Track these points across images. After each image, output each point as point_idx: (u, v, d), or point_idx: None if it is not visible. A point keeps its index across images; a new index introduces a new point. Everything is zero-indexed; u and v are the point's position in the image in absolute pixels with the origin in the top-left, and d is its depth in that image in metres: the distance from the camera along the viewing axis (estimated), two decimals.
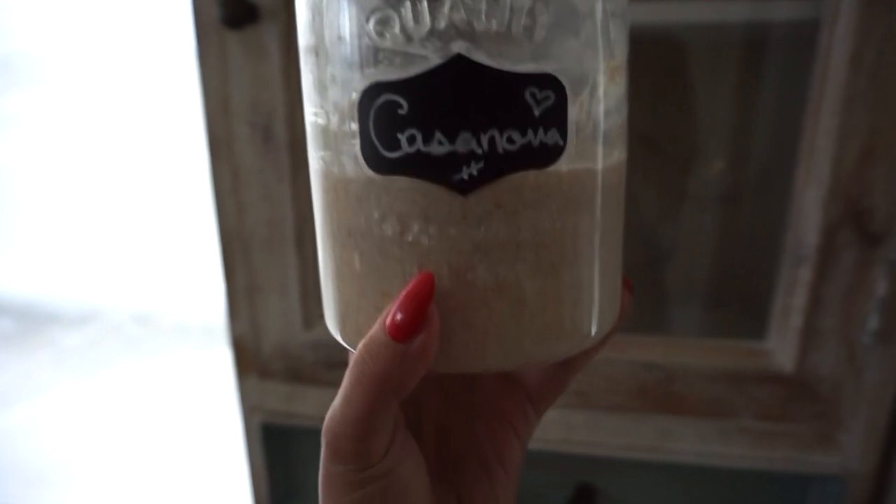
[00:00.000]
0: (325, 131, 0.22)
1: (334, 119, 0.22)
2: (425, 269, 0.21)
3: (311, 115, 0.23)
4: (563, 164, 0.21)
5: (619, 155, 0.23)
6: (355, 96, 0.21)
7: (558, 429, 0.53)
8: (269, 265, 0.53)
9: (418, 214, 0.21)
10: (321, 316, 0.26)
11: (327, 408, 0.22)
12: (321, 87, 0.22)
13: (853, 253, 0.46)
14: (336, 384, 0.22)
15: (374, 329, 0.21)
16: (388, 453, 0.22)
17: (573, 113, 0.21)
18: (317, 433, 0.23)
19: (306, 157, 0.25)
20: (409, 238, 0.21)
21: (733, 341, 0.53)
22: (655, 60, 0.56)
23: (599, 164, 0.22)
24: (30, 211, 1.84)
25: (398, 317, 0.20)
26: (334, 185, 0.23)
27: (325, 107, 0.22)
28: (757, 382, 0.50)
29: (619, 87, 0.22)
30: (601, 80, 0.21)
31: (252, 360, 0.56)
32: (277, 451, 0.59)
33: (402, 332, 0.20)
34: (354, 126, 0.21)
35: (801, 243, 0.47)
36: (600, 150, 0.22)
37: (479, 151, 0.20)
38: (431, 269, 0.21)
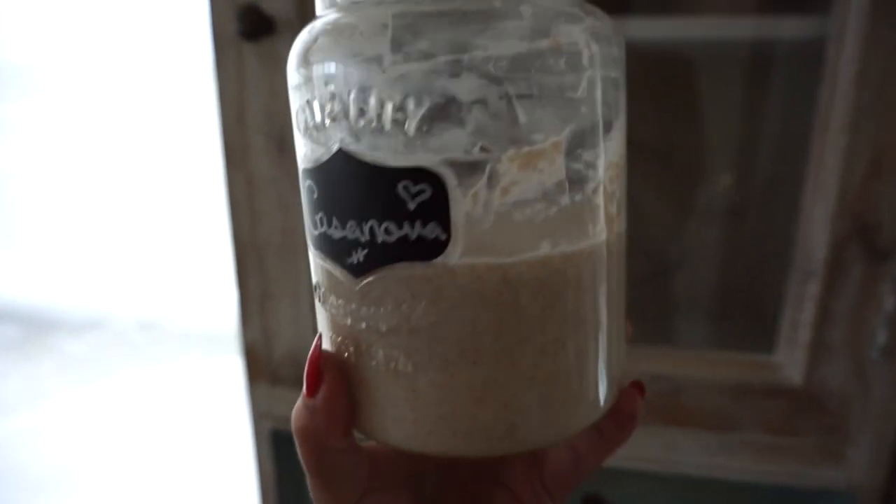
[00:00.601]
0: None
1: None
2: (340, 339, 0.22)
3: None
4: (451, 258, 0.20)
5: (554, 247, 0.21)
6: (300, 175, 0.23)
7: None
8: (281, 273, 0.54)
9: (331, 289, 0.22)
10: None
11: None
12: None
13: (861, 268, 0.46)
14: None
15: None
16: (363, 500, 0.24)
17: (464, 205, 0.20)
18: None
19: None
20: (327, 308, 0.23)
21: (741, 354, 0.53)
22: (664, 76, 0.57)
23: (511, 259, 0.20)
24: (35, 218, 1.85)
25: (305, 373, 0.22)
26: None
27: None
28: (764, 396, 0.50)
29: (545, 175, 0.20)
30: (506, 168, 0.20)
31: (263, 367, 0.57)
32: (287, 458, 0.59)
33: (308, 388, 0.22)
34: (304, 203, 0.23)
35: (809, 258, 0.47)
36: (514, 243, 0.20)
37: (363, 239, 0.21)
38: (343, 340, 0.22)
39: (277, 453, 0.59)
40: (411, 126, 0.19)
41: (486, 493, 0.28)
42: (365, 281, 0.21)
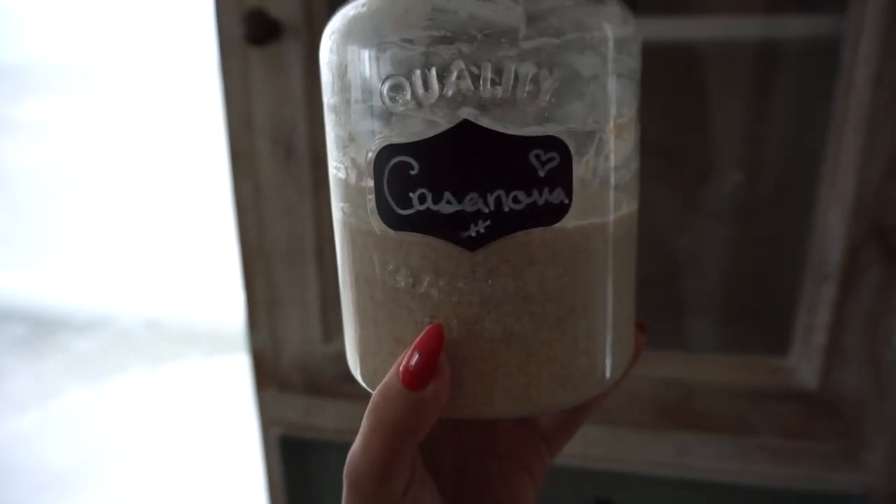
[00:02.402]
0: (345, 185, 0.24)
1: (352, 174, 0.23)
2: (436, 320, 0.22)
3: (333, 167, 0.24)
4: (568, 221, 0.22)
5: (629, 207, 0.24)
6: (371, 156, 0.22)
7: (577, 444, 0.53)
8: (289, 279, 0.53)
9: (429, 268, 0.22)
10: (340, 330, 0.26)
11: (345, 420, 0.23)
12: (341, 144, 0.23)
13: (878, 270, 0.45)
14: (355, 397, 0.23)
15: (389, 377, 0.22)
16: (406, 493, 0.23)
17: (578, 171, 0.21)
18: (336, 446, 0.23)
19: (327, 173, 0.26)
20: (421, 290, 0.22)
21: (755, 358, 0.52)
22: (674, 75, 0.56)
23: (608, 218, 0.23)
24: (43, 218, 1.86)
25: (411, 366, 0.21)
26: (353, 236, 0.24)
27: (344, 162, 0.23)
28: (779, 399, 0.50)
29: (627, 143, 0.23)
30: (608, 137, 0.22)
31: (271, 373, 0.57)
32: (296, 464, 0.59)
33: (415, 381, 0.21)
34: (370, 183, 0.22)
35: (825, 260, 0.47)
36: (609, 204, 0.23)
37: (486, 210, 0.21)
38: (441, 319, 0.22)
39: (287, 459, 0.59)
40: (544, 98, 0.21)
41: (477, 468, 0.28)
42: (482, 253, 0.21)
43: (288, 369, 0.56)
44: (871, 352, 0.47)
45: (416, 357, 0.21)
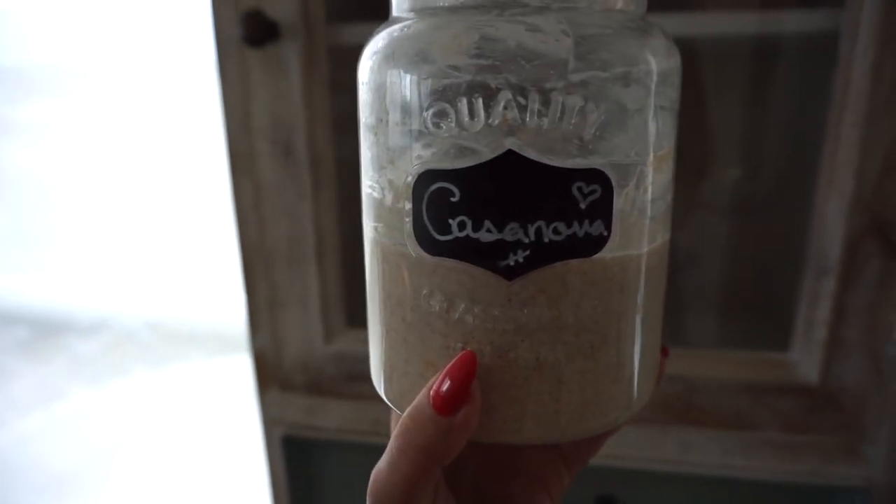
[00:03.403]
0: (379, 205, 0.23)
1: (389, 195, 0.23)
2: (469, 346, 0.22)
3: (368, 187, 0.24)
4: (606, 253, 0.22)
5: (663, 237, 0.24)
6: (410, 179, 0.22)
7: None
8: (289, 280, 0.53)
9: (465, 295, 0.22)
10: (342, 330, 0.26)
11: (348, 420, 0.23)
12: (378, 165, 0.23)
13: (877, 264, 0.45)
14: (356, 397, 0.22)
15: (419, 400, 0.22)
16: None
17: (619, 204, 0.21)
18: (338, 445, 0.23)
19: (327, 174, 0.26)
20: (455, 315, 0.22)
21: (756, 353, 0.52)
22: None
23: (643, 249, 0.23)
24: (44, 221, 1.86)
25: (443, 391, 0.21)
26: (385, 256, 0.24)
27: (380, 182, 0.23)
28: (780, 394, 0.50)
29: (665, 174, 0.23)
30: (648, 170, 0.22)
31: (273, 374, 0.57)
32: (299, 463, 0.59)
33: (446, 407, 0.21)
34: (408, 206, 0.22)
35: (825, 255, 0.47)
36: (644, 236, 0.23)
37: (526, 241, 0.21)
38: (474, 346, 0.22)
39: (289, 459, 0.59)
40: (590, 130, 0.20)
41: (499, 487, 0.28)
42: (518, 282, 0.21)
43: (289, 369, 0.56)
44: (872, 345, 0.47)
45: (447, 383, 0.21)
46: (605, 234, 0.21)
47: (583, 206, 0.21)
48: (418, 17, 0.22)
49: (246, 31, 0.46)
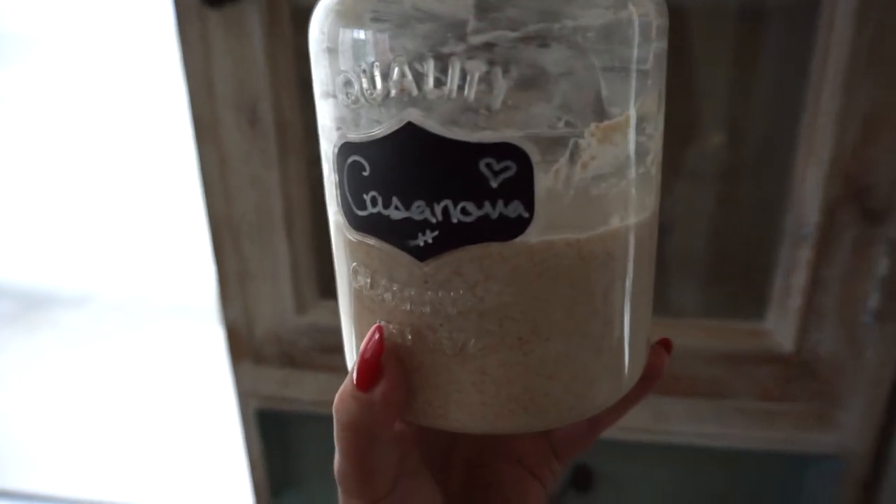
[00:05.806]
0: (326, 177, 0.23)
1: (326, 167, 0.22)
2: (392, 325, 0.21)
3: (322, 155, 0.23)
4: (531, 236, 0.19)
5: (622, 220, 0.21)
6: (335, 150, 0.21)
7: None
8: (259, 251, 0.52)
9: (384, 273, 0.21)
10: (315, 301, 0.25)
11: (322, 392, 0.23)
12: (323, 135, 0.22)
13: (854, 232, 0.45)
14: (330, 368, 0.22)
15: (346, 380, 0.22)
16: (397, 486, 0.23)
17: (545, 181, 0.19)
18: (312, 417, 0.23)
19: (295, 141, 0.25)
20: (378, 293, 0.21)
21: (732, 322, 0.52)
22: None
23: (587, 233, 0.20)
24: (21, 198, 1.83)
25: (357, 367, 0.21)
26: (332, 229, 0.23)
27: (325, 153, 0.22)
28: (756, 363, 0.50)
29: (620, 147, 0.20)
30: (588, 143, 0.19)
31: (245, 346, 0.56)
32: (274, 436, 0.59)
33: (361, 381, 0.21)
34: (335, 178, 0.21)
35: (802, 223, 0.46)
36: (590, 218, 0.20)
37: (433, 221, 0.19)
38: (396, 325, 0.21)
39: (264, 431, 0.58)
40: (497, 99, 0.18)
41: (491, 467, 0.28)
42: (432, 264, 0.20)
43: (262, 342, 0.55)
44: (847, 313, 0.47)
45: (360, 358, 0.21)
46: (526, 215, 0.19)
47: (493, 184, 0.19)
48: None
49: None
